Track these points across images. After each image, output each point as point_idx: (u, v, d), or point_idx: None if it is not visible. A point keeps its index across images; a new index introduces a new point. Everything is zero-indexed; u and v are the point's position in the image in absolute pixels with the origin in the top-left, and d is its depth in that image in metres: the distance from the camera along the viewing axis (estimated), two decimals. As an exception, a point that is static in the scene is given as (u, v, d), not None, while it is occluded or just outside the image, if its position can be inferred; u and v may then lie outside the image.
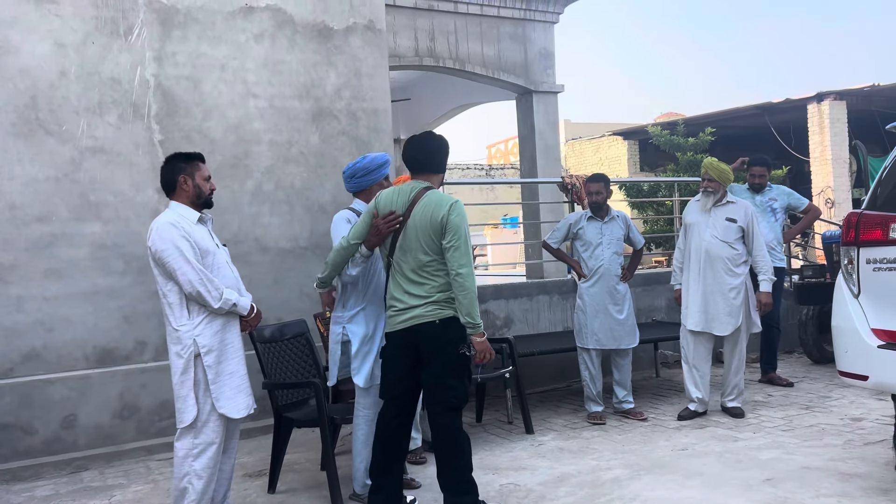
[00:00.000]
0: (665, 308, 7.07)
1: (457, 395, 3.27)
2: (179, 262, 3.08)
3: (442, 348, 3.25)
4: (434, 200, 3.28)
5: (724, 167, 5.07)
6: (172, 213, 3.21)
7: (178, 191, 3.26)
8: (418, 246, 3.27)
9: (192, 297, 3.11)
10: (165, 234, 3.11)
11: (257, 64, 5.23)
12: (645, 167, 19.01)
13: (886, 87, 13.76)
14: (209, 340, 3.14)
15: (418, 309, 3.25)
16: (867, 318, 3.35)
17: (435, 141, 3.47)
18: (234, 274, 3.34)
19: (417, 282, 3.27)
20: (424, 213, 3.26)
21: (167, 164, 3.30)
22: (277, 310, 5.19)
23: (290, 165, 5.34)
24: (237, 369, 3.23)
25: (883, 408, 4.95)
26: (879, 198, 3.47)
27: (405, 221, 3.30)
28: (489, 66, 9.19)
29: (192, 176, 3.26)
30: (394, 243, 3.35)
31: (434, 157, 3.45)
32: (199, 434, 3.13)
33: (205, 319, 3.15)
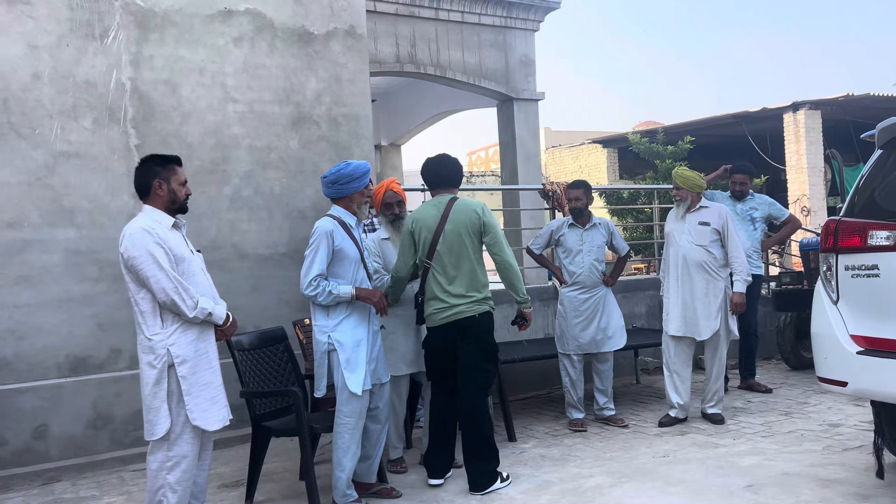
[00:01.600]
0: (645, 315, 7.09)
1: (488, 377, 3.94)
2: (153, 269, 2.99)
3: (479, 337, 3.87)
4: (466, 206, 3.89)
5: (689, 174, 5.10)
6: (146, 218, 3.12)
7: (153, 195, 3.17)
8: (462, 247, 3.85)
9: (166, 306, 3.03)
10: (138, 241, 3.01)
11: (236, 68, 5.17)
12: (624, 175, 19.14)
13: (860, 97, 13.98)
14: (184, 350, 3.06)
15: (461, 306, 3.84)
16: (846, 324, 3.36)
17: (448, 160, 4.09)
18: (208, 281, 3.27)
19: (458, 282, 3.85)
20: (461, 217, 3.85)
21: (142, 167, 3.21)
22: (256, 317, 5.12)
23: (269, 171, 5.28)
24: (212, 380, 3.15)
25: (860, 413, 4.99)
26: (857, 205, 3.50)
27: (442, 228, 3.84)
28: (470, 73, 9.20)
29: (168, 180, 3.17)
30: (433, 248, 3.86)
31: (449, 174, 4.06)
32: (172, 447, 3.05)
33: (179, 328, 3.07)
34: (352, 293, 3.59)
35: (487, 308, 3.91)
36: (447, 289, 3.86)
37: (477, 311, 3.87)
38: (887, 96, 14.20)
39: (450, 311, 3.85)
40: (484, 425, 3.87)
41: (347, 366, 3.58)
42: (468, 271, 3.86)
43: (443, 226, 3.85)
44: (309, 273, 3.58)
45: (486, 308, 3.90)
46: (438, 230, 3.86)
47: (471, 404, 3.87)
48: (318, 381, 3.66)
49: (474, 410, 3.87)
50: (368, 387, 3.61)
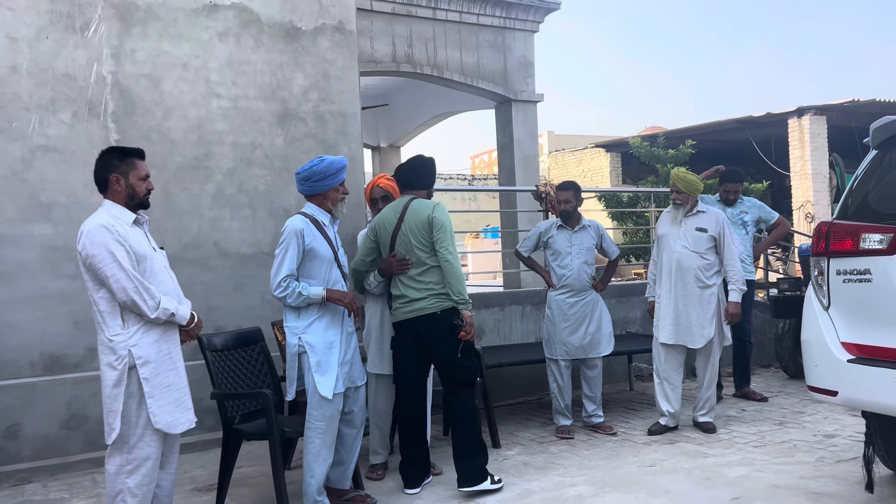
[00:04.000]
0: (640, 320, 6.95)
1: (469, 371, 3.86)
2: (113, 268, 2.86)
3: (447, 334, 3.79)
4: (419, 205, 3.89)
5: (691, 178, 4.97)
6: (105, 215, 2.98)
7: (111, 190, 3.03)
8: (414, 246, 3.83)
9: (127, 306, 2.91)
10: (97, 238, 2.88)
11: (221, 63, 5.08)
12: (627, 179, 19.00)
13: (865, 102, 13.82)
14: (146, 351, 2.93)
15: (421, 301, 3.80)
16: (837, 331, 3.23)
17: (415, 162, 4.08)
18: (172, 280, 3.14)
19: (418, 278, 3.83)
20: (413, 217, 3.86)
21: (100, 160, 3.08)
22: (237, 317, 5.02)
23: (253, 168, 5.18)
24: (175, 382, 3.02)
25: (857, 424, 4.84)
26: (850, 208, 3.37)
27: (399, 227, 3.87)
28: (468, 74, 9.09)
29: (126, 175, 3.03)
30: (392, 247, 3.90)
31: (412, 176, 4.03)
32: (132, 450, 2.93)
33: (141, 329, 2.94)
34: (322, 295, 3.48)
35: (450, 304, 3.80)
36: (408, 284, 3.87)
37: (439, 308, 3.80)
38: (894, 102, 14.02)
39: (411, 305, 3.84)
40: (470, 420, 3.83)
41: (318, 368, 3.46)
42: (423, 265, 3.84)
43: (399, 226, 3.89)
44: (278, 273, 3.47)
45: (448, 304, 3.80)
46: (395, 230, 3.91)
47: (454, 400, 3.84)
48: (289, 384, 3.55)
49: (458, 406, 3.84)
50: (340, 390, 3.50)
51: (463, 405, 3.84)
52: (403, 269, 3.86)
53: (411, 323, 3.84)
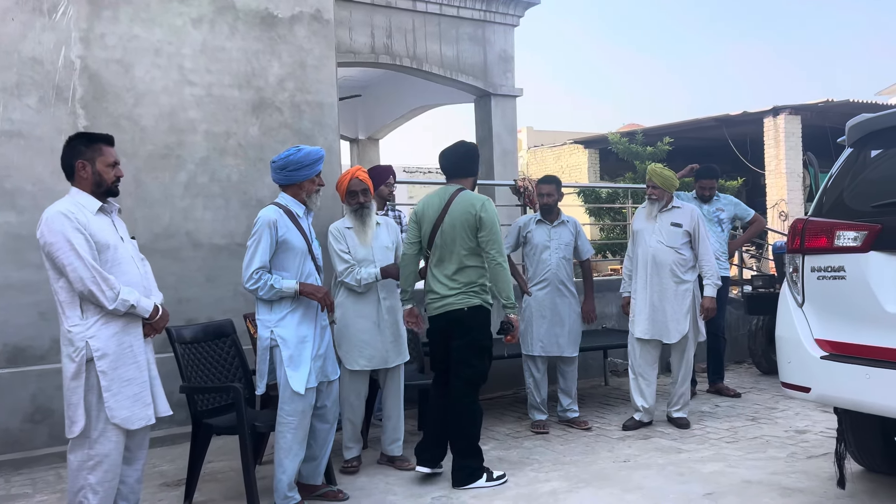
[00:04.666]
0: (616, 315, 6.96)
1: (476, 373, 3.83)
2: (70, 257, 2.78)
3: (468, 332, 3.79)
4: (466, 200, 3.81)
5: (668, 174, 4.97)
6: (67, 202, 2.89)
7: (77, 177, 2.94)
8: (455, 241, 3.79)
9: (85, 297, 2.82)
10: (56, 226, 2.79)
11: (195, 50, 4.97)
12: (605, 176, 19.08)
13: (839, 103, 13.98)
14: (104, 344, 2.84)
15: (451, 298, 3.80)
16: (811, 327, 3.24)
17: (461, 148, 3.99)
18: (139, 270, 3.04)
19: (452, 275, 3.81)
20: (460, 211, 3.78)
21: (67, 146, 2.99)
22: (209, 309, 4.93)
23: (227, 157, 5.08)
24: (136, 376, 2.92)
25: (828, 420, 4.89)
26: (825, 205, 3.37)
27: (441, 220, 3.80)
28: (447, 67, 9.02)
29: (93, 161, 2.94)
30: (432, 238, 3.84)
31: (461, 162, 3.95)
32: (93, 445, 2.84)
33: (100, 320, 2.85)
34: (295, 288, 3.41)
35: (479, 302, 3.82)
36: (441, 280, 3.85)
37: (466, 305, 3.79)
38: (867, 103, 14.21)
39: (441, 302, 3.84)
40: (464, 422, 3.81)
41: (290, 363, 3.40)
42: (461, 265, 3.81)
43: (442, 218, 3.82)
44: (250, 265, 3.40)
45: (476, 302, 3.81)
46: (437, 222, 3.84)
47: (455, 399, 3.82)
48: (259, 378, 3.48)
49: (457, 406, 3.82)
50: (313, 385, 3.45)
51: (462, 406, 3.80)
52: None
53: (439, 318, 3.86)
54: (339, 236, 4.12)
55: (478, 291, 3.84)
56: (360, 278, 4.02)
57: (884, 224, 3.00)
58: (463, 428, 3.81)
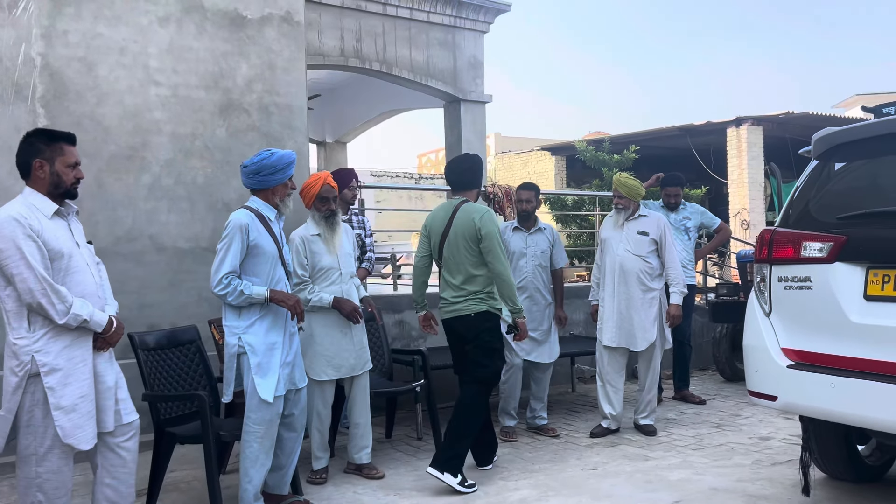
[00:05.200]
0: (583, 322, 7.00)
1: (486, 371, 4.04)
2: (19, 266, 2.60)
3: (477, 335, 4.02)
4: (467, 211, 4.02)
5: (633, 183, 5.02)
6: (20, 204, 2.70)
7: (33, 176, 2.76)
8: (460, 252, 4.01)
9: (33, 309, 2.65)
10: (6, 231, 2.60)
11: (161, 49, 4.87)
12: (572, 183, 19.23)
13: (799, 115, 14.32)
14: (53, 359, 2.66)
15: (459, 304, 4.03)
16: (778, 337, 3.28)
17: (466, 161, 4.20)
18: (95, 279, 2.86)
19: (460, 282, 4.03)
20: (462, 223, 4.00)
21: (24, 143, 2.80)
22: (172, 314, 4.82)
23: (192, 159, 4.98)
24: (87, 393, 2.75)
25: (790, 427, 4.97)
26: (792, 216, 3.43)
27: (448, 231, 4.03)
28: (417, 72, 9.01)
29: (52, 161, 2.77)
30: (440, 249, 4.08)
31: (464, 175, 4.14)
32: (41, 462, 2.68)
33: (48, 334, 2.67)
34: (265, 295, 3.34)
35: (486, 308, 4.04)
36: (450, 288, 4.07)
37: (473, 311, 4.02)
38: (826, 115, 14.58)
39: (451, 306, 4.07)
40: (468, 414, 3.97)
41: (258, 370, 3.33)
42: (467, 274, 4.01)
43: (448, 229, 4.05)
44: (220, 270, 3.32)
45: (483, 308, 4.03)
46: (444, 233, 4.07)
47: (465, 396, 4.01)
48: (226, 386, 3.40)
49: (466, 399, 4.00)
50: (281, 393, 3.38)
51: (470, 399, 3.99)
52: (355, 319, 4.00)
53: (451, 322, 4.10)
54: (301, 246, 4.01)
55: (484, 298, 4.04)
56: (311, 299, 3.96)
57: (849, 236, 3.05)
58: (466, 418, 3.96)
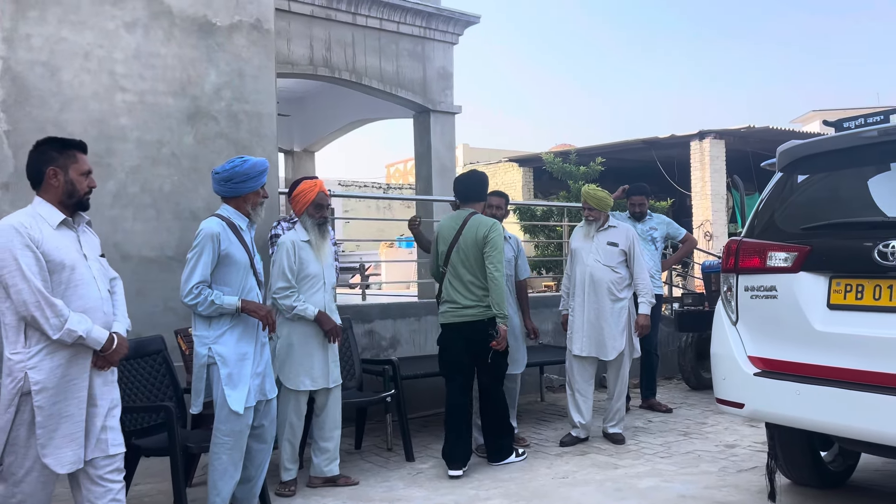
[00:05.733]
0: (552, 332, 7.04)
1: (501, 369, 4.50)
2: (15, 277, 2.52)
3: (489, 339, 4.31)
4: (478, 222, 4.39)
5: (601, 195, 5.08)
6: (25, 214, 2.63)
7: (46, 185, 2.68)
8: (470, 258, 4.34)
9: (28, 322, 2.56)
10: (3, 240, 2.53)
11: (127, 55, 4.79)
12: (539, 194, 19.39)
13: (759, 129, 14.66)
14: (45, 377, 2.57)
15: (472, 310, 4.33)
16: (744, 345, 3.34)
17: (474, 176, 4.64)
18: (100, 294, 2.75)
19: (470, 288, 4.34)
20: (472, 233, 4.35)
21: (35, 151, 2.73)
22: (139, 325, 4.66)
23: (159, 167, 4.90)
24: (75, 413, 2.64)
25: (755, 434, 5.06)
26: (757, 227, 3.50)
27: (457, 240, 4.38)
28: (387, 82, 9.02)
29: (66, 169, 2.70)
30: (447, 257, 4.41)
31: (473, 188, 4.58)
32: (18, 483, 2.58)
33: (44, 350, 2.58)
34: (236, 305, 3.29)
35: (493, 314, 4.35)
36: (460, 293, 4.36)
37: (486, 316, 4.33)
38: (785, 130, 14.95)
39: (462, 311, 4.34)
40: (499, 407, 4.46)
41: (229, 381, 3.28)
42: (478, 280, 4.34)
43: (457, 238, 4.38)
44: (190, 279, 3.27)
45: (493, 313, 4.34)
46: (453, 241, 4.40)
47: (489, 391, 4.45)
48: (195, 397, 3.34)
49: (491, 395, 4.45)
50: (252, 404, 3.33)
51: (497, 397, 4.45)
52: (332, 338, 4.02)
53: (458, 326, 4.36)
54: (291, 251, 3.97)
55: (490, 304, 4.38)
56: (296, 308, 3.91)
57: (813, 246, 3.13)
58: (498, 411, 4.45)
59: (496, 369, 4.47)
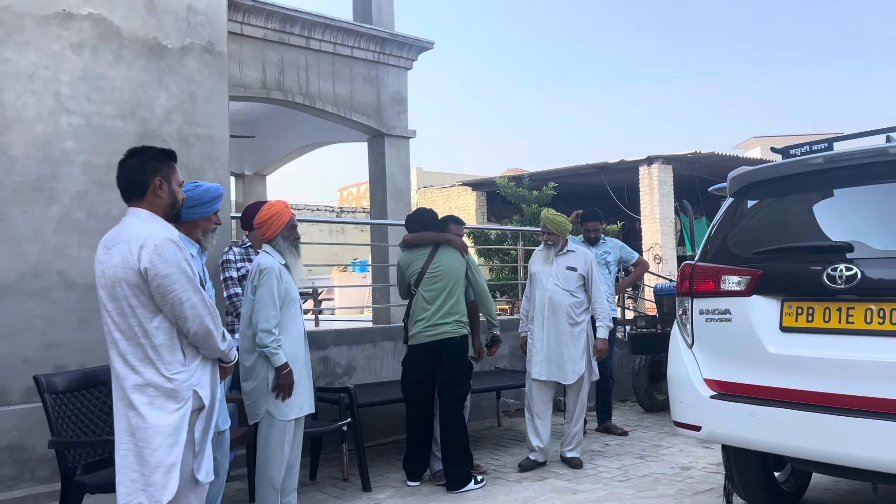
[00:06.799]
0: (508, 356, 7.04)
1: (465, 390, 4.65)
2: (187, 290, 2.48)
3: (459, 357, 4.56)
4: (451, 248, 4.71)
5: (560, 219, 5.14)
6: (163, 227, 2.58)
7: (150, 196, 2.62)
8: (447, 282, 4.56)
9: (195, 337, 2.52)
10: (170, 255, 2.48)
11: (74, 77, 4.65)
12: (493, 218, 19.54)
13: (705, 154, 15.10)
14: (209, 392, 2.59)
15: (446, 327, 4.51)
16: (700, 368, 3.39)
17: (425, 211, 4.99)
18: None
19: (446, 307, 4.53)
20: (448, 257, 4.65)
21: (136, 159, 2.65)
22: (83, 354, 4.52)
23: (107, 191, 4.74)
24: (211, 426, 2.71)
25: (709, 455, 5.12)
26: (710, 251, 3.58)
27: (429, 264, 4.62)
28: (341, 106, 8.98)
29: (169, 179, 2.65)
30: (420, 279, 4.59)
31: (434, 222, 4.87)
32: None
33: (200, 365, 2.59)
34: None
35: (466, 332, 4.62)
36: (435, 312, 4.52)
37: (458, 334, 4.54)
38: (730, 156, 15.44)
39: (436, 329, 4.50)
40: (460, 432, 4.51)
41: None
42: (454, 299, 4.55)
43: (429, 263, 4.60)
44: None
45: (465, 332, 4.61)
46: (426, 265, 4.60)
47: (451, 413, 4.50)
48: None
49: (453, 418, 4.50)
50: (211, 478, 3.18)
51: (457, 418, 4.51)
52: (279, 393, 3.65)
53: (431, 345, 4.50)
54: (279, 277, 3.70)
55: (465, 323, 4.62)
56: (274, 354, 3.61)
57: (765, 270, 3.21)
58: (458, 435, 4.48)
59: (462, 390, 4.58)
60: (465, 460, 4.52)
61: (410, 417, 4.69)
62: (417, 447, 4.66)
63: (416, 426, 4.66)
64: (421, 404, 4.64)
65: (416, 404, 4.64)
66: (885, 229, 3.02)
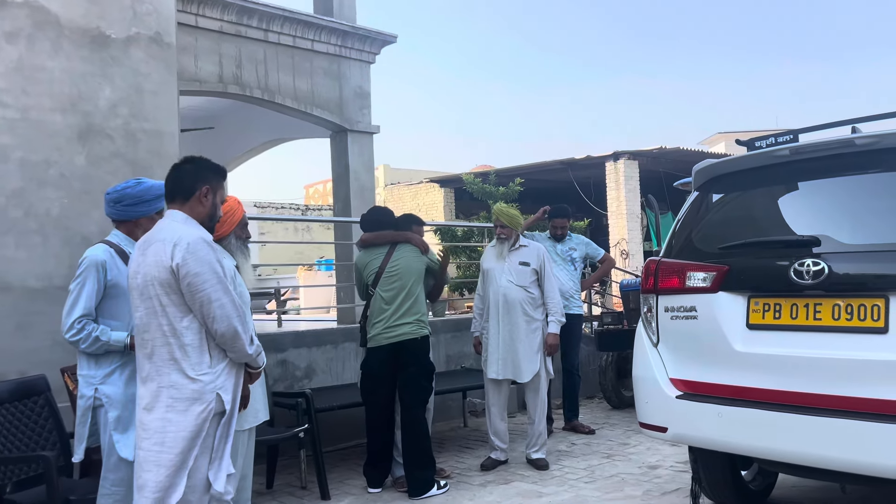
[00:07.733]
0: (473, 355, 6.89)
1: (427, 393, 4.50)
2: (217, 290, 2.47)
3: (419, 358, 4.42)
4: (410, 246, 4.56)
5: (513, 212, 5.03)
6: (196, 227, 2.56)
7: (194, 202, 2.66)
8: (406, 281, 4.42)
9: (223, 338, 2.51)
10: (203, 255, 2.49)
11: (8, 68, 4.39)
12: (460, 214, 19.42)
13: (671, 150, 15.15)
14: (231, 395, 2.55)
15: (407, 327, 4.37)
16: (666, 367, 3.28)
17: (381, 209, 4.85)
18: None
19: (405, 307, 4.39)
20: (410, 259, 4.50)
21: (190, 166, 2.69)
22: (20, 362, 4.26)
23: (46, 189, 4.49)
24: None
25: (676, 454, 5.05)
26: (675, 247, 3.47)
27: (386, 263, 4.45)
28: (301, 101, 8.75)
29: (215, 191, 2.67)
30: (377, 279, 4.44)
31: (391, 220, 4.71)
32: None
33: (226, 367, 2.57)
34: (125, 342, 2.99)
35: (427, 332, 4.47)
36: (395, 312, 4.37)
37: (419, 334, 4.41)
38: (695, 151, 15.50)
39: (396, 330, 4.36)
40: (423, 437, 4.37)
41: (118, 425, 2.97)
42: (413, 299, 4.42)
43: (387, 262, 4.46)
44: (72, 313, 2.95)
45: (426, 332, 4.46)
46: (383, 265, 4.45)
47: (412, 417, 4.37)
48: (78, 443, 3.01)
49: (415, 422, 4.37)
50: None
51: (419, 422, 4.37)
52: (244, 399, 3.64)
53: (391, 347, 4.35)
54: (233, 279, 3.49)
55: (426, 323, 4.47)
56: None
57: (730, 265, 3.11)
58: (419, 440, 4.34)
59: (424, 393, 4.45)
60: (428, 465, 4.37)
61: (371, 422, 4.52)
62: (378, 452, 4.49)
63: (377, 431, 4.49)
64: (381, 408, 4.46)
65: (377, 408, 4.47)
66: (852, 222, 2.94)
